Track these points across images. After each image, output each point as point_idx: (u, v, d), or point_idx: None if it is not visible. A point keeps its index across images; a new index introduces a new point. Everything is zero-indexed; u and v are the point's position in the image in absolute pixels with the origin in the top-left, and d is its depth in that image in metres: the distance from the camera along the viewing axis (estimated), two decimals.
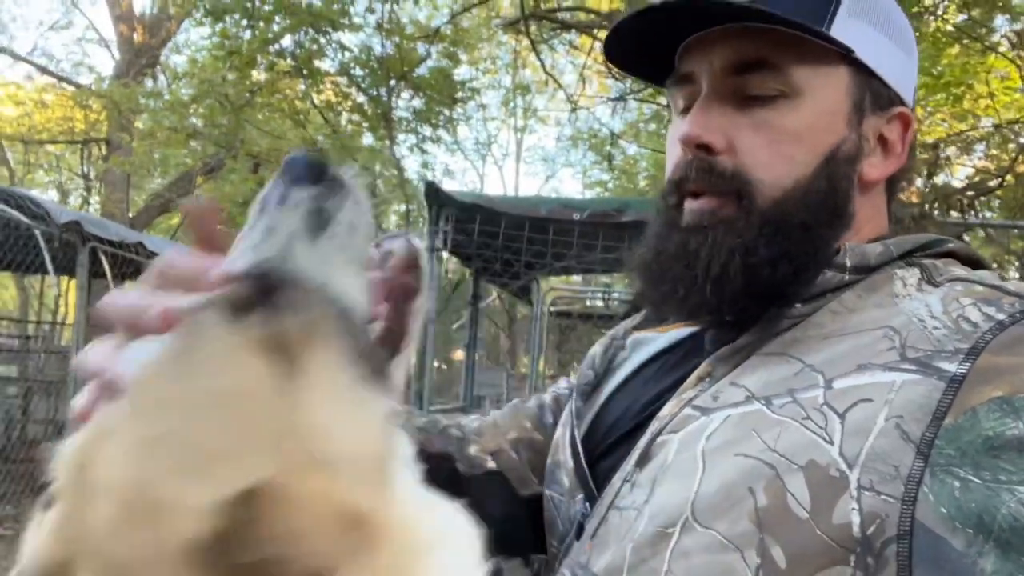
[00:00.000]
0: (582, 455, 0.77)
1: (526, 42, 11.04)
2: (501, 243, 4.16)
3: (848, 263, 0.67)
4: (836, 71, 0.69)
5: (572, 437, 0.80)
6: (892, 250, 0.68)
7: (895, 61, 0.71)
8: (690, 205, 0.72)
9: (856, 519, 0.52)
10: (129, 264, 7.61)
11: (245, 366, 0.38)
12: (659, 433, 0.67)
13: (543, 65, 10.27)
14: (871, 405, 0.56)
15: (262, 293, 0.41)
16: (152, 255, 7.81)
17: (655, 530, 0.60)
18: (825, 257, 0.68)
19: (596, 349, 0.92)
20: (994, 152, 8.98)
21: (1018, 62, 7.08)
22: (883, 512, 0.52)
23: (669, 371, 0.78)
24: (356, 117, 13.01)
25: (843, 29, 0.67)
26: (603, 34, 8.73)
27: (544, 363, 9.86)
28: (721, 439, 0.62)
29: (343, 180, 0.49)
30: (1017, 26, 7.33)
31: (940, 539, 0.49)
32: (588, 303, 10.33)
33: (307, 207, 0.46)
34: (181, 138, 11.09)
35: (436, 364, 6.36)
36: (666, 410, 0.70)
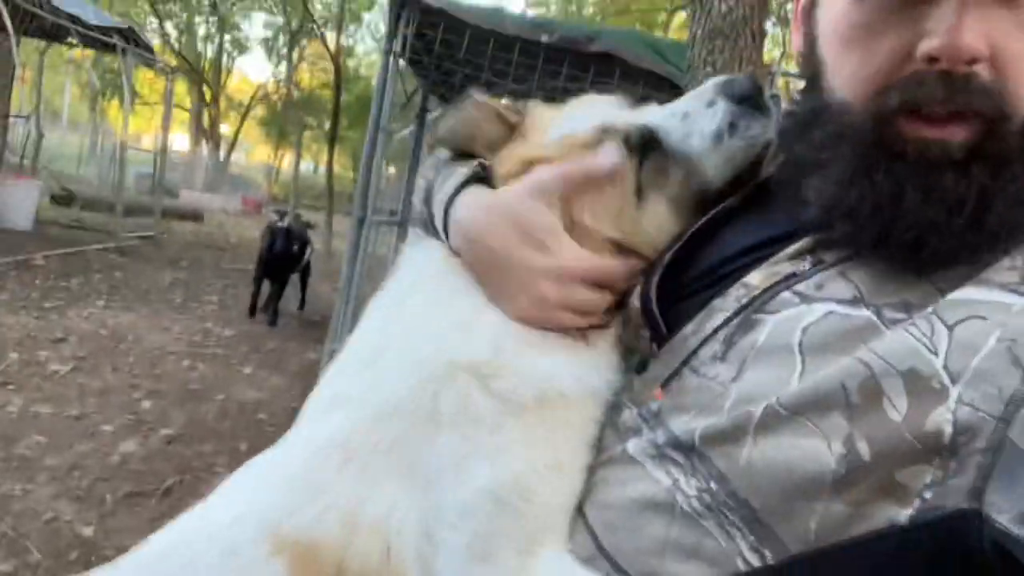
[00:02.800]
0: (654, 296, 0.71)
1: None
2: (463, 56, 3.96)
3: None
4: None
5: (648, 277, 0.74)
6: None
7: None
8: (926, 131, 0.58)
9: (948, 429, 0.53)
10: (32, 20, 6.78)
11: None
12: (748, 307, 0.64)
13: None
14: (983, 323, 0.54)
15: (646, 143, 0.75)
16: (58, 12, 6.99)
17: (743, 411, 0.59)
18: None
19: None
20: None
21: None
22: (977, 427, 0.52)
23: (759, 222, 0.72)
24: None
25: None
26: None
27: None
28: (821, 339, 0.59)
29: (765, 108, 0.73)
30: None
31: None
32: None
33: (723, 118, 0.74)
34: None
35: (392, 171, 6.17)
36: (755, 279, 0.65)
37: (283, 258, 6.68)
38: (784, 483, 0.57)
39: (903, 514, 0.54)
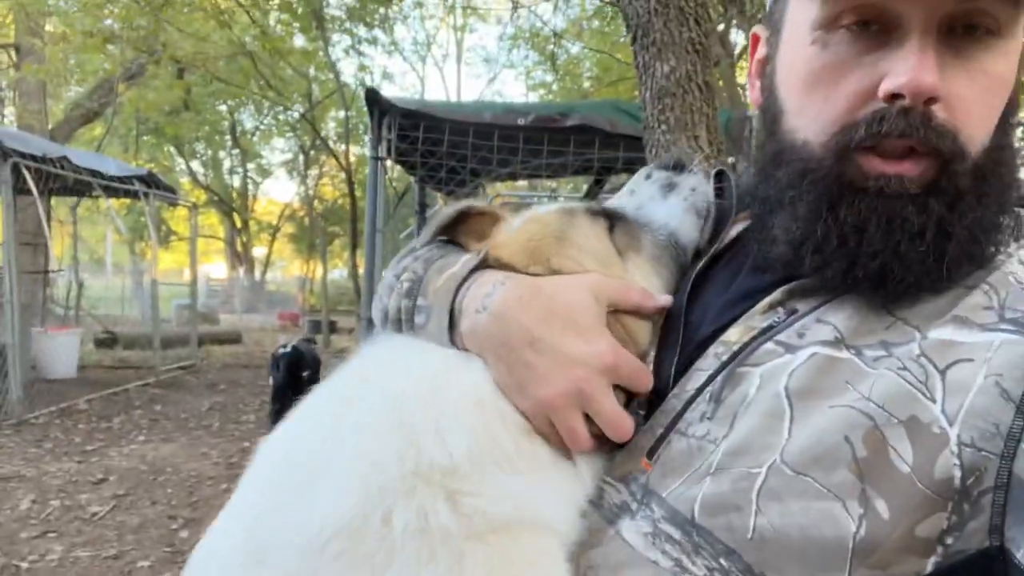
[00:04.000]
0: (673, 370, 0.70)
1: None
2: (445, 150, 4.10)
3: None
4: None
5: (662, 351, 0.74)
6: None
7: None
8: (885, 167, 0.60)
9: (957, 473, 0.54)
10: (55, 180, 7.25)
11: (591, 232, 0.78)
12: (731, 362, 0.64)
13: None
14: (970, 364, 0.56)
15: (614, 217, 0.80)
16: (79, 170, 7.46)
17: (738, 469, 0.59)
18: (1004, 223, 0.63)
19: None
20: None
21: None
22: (982, 466, 0.53)
23: (734, 277, 0.73)
24: (285, 16, 12.31)
25: None
26: None
27: None
28: (807, 381, 0.60)
29: (692, 169, 0.84)
30: None
31: None
32: (544, 203, 10.33)
33: (662, 182, 0.84)
34: (97, 42, 10.37)
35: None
36: (733, 335, 0.66)
37: (289, 384, 6.71)
38: (803, 553, 0.55)
39: (928, 563, 0.54)
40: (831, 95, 0.62)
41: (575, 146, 4.04)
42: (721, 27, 6.56)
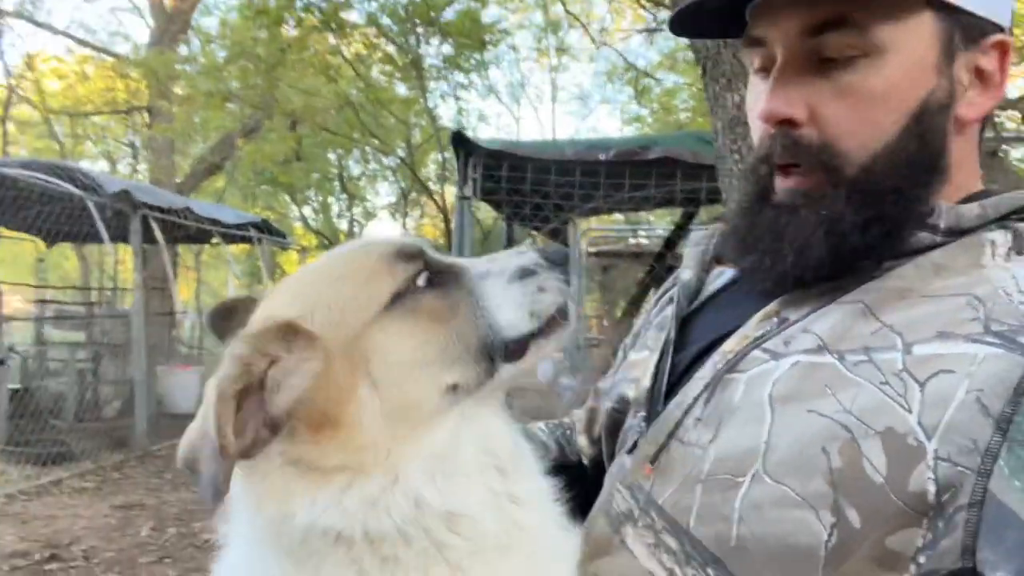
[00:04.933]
0: (665, 379, 0.76)
1: None
2: (529, 188, 4.18)
3: (942, 225, 0.66)
4: (919, 18, 0.65)
5: (660, 362, 0.79)
6: (989, 212, 0.65)
7: None
8: (782, 183, 0.70)
9: (932, 487, 0.54)
10: (179, 229, 7.89)
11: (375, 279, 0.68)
12: (724, 370, 0.67)
13: (564, 6, 9.97)
14: (952, 376, 0.56)
15: (438, 270, 0.71)
16: (200, 219, 8.07)
17: (724, 476, 0.61)
18: (920, 215, 0.66)
19: (687, 276, 0.88)
20: None
21: None
22: (958, 482, 0.53)
23: (739, 303, 0.77)
24: (387, 68, 12.96)
25: None
26: None
27: (587, 303, 9.92)
28: (789, 387, 0.62)
29: (563, 269, 0.75)
30: None
31: (1008, 510, 0.51)
32: (631, 240, 10.28)
33: (525, 262, 0.74)
34: (218, 101, 11.27)
35: None
36: (729, 345, 0.69)
37: None
38: (780, 561, 0.58)
39: None
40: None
41: (657, 178, 4.03)
42: None
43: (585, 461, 0.95)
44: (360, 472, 0.62)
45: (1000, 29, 0.67)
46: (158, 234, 7.05)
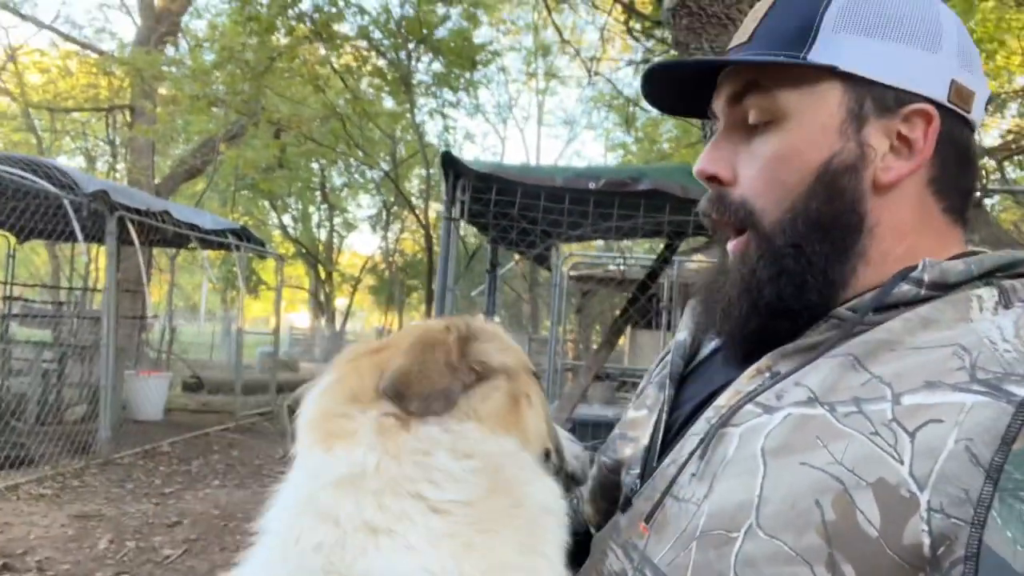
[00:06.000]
0: (659, 437, 0.78)
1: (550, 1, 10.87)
2: (517, 212, 4.16)
3: (926, 278, 0.66)
4: (825, 87, 0.69)
5: (657, 420, 0.80)
6: (972, 269, 0.66)
7: (903, 61, 0.70)
8: (728, 245, 0.76)
9: (926, 540, 0.53)
10: (156, 232, 7.76)
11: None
12: (718, 424, 0.68)
13: (560, 33, 10.09)
14: (941, 426, 0.56)
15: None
16: (179, 223, 7.95)
17: (718, 532, 0.61)
18: (829, 271, 0.69)
19: (682, 336, 0.90)
20: None
21: None
22: (952, 534, 0.52)
23: (731, 360, 0.78)
24: (376, 81, 12.96)
25: (828, 46, 0.69)
26: None
27: (565, 327, 9.94)
28: (781, 440, 0.62)
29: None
30: None
31: (1003, 562, 0.50)
32: (610, 267, 10.34)
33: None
34: (203, 105, 11.17)
35: None
36: (722, 400, 0.70)
37: None
38: None
39: None
40: None
41: (646, 210, 4.04)
42: None
43: (593, 530, 0.94)
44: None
45: (924, 100, 0.69)
46: (134, 237, 6.93)
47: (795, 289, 0.69)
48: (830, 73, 0.69)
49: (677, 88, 0.81)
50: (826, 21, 0.70)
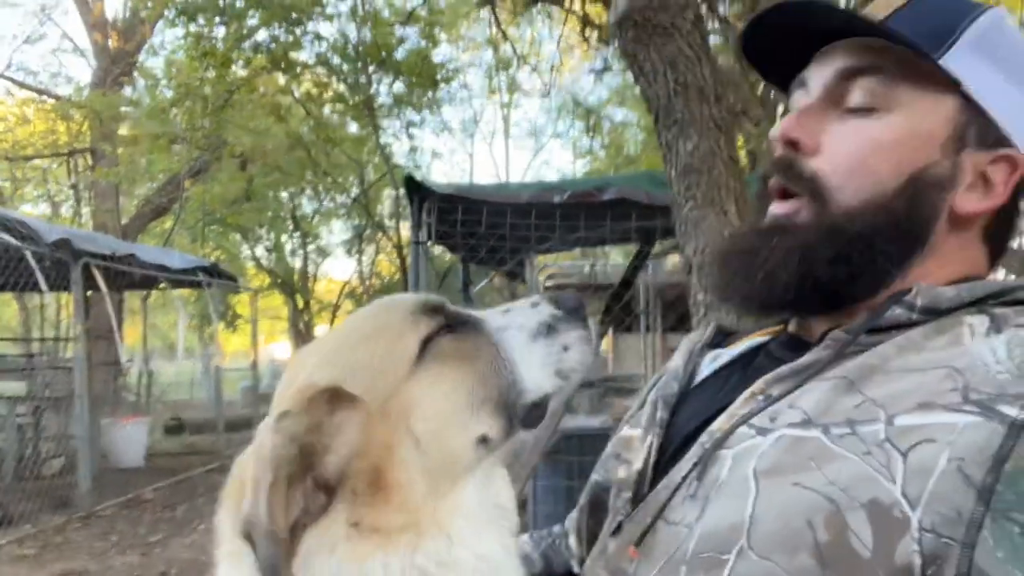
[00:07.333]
0: (652, 461, 0.75)
1: (504, 16, 10.93)
2: (484, 231, 4.15)
3: (918, 303, 0.66)
4: (942, 98, 0.69)
5: (650, 444, 0.78)
6: (964, 296, 0.66)
7: (1013, 104, 0.71)
8: (773, 208, 0.75)
9: (917, 560, 0.53)
10: (123, 276, 7.64)
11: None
12: (712, 448, 0.67)
13: (513, 47, 10.15)
14: (933, 446, 0.56)
15: (457, 322, 0.72)
16: (145, 265, 7.84)
17: (709, 554, 0.60)
18: (883, 271, 0.70)
19: (677, 361, 0.89)
20: None
21: None
22: (943, 554, 0.52)
23: (731, 386, 0.77)
24: (339, 106, 12.92)
25: (959, 60, 0.68)
26: (577, 5, 8.64)
27: None
28: (773, 461, 0.62)
29: (584, 321, 0.74)
30: None
31: None
32: (586, 271, 10.36)
33: (542, 319, 0.73)
34: (164, 143, 11.06)
35: None
36: (717, 424, 0.69)
37: None
38: None
39: None
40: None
41: (612, 219, 4.05)
42: (761, 88, 6.56)
43: (575, 567, 0.92)
44: (419, 531, 0.63)
45: (1014, 147, 0.71)
46: (101, 283, 6.81)
47: (849, 277, 0.69)
48: (953, 87, 0.69)
49: (785, 43, 0.77)
50: (967, 35, 0.69)
